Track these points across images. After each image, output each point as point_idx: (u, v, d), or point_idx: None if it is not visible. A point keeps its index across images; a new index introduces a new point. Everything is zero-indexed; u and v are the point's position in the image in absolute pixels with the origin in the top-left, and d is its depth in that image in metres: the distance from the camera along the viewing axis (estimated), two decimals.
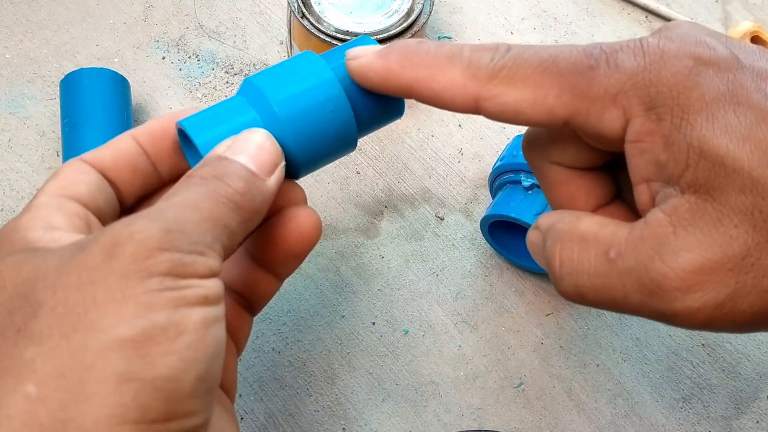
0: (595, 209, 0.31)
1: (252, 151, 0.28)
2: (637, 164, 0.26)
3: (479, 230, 0.46)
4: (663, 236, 0.25)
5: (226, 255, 0.27)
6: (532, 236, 0.30)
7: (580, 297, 0.27)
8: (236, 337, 0.33)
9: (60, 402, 0.22)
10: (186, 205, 0.26)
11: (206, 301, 0.25)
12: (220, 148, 0.28)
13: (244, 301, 0.33)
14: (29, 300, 0.24)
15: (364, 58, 0.30)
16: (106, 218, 0.30)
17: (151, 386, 0.23)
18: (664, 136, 0.25)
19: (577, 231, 0.27)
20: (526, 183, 0.41)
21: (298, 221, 0.31)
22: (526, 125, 0.28)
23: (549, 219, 0.29)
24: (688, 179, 0.25)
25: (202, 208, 0.26)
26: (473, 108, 0.28)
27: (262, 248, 0.32)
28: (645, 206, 0.27)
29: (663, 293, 0.25)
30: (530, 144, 0.31)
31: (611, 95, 0.26)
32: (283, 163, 0.29)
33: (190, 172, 0.28)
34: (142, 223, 0.24)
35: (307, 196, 0.46)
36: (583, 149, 0.30)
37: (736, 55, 0.26)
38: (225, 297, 0.32)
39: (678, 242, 0.25)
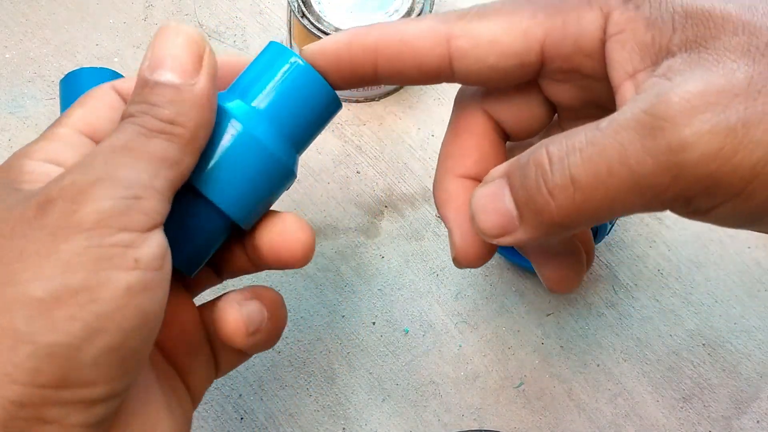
0: (471, 180, 0.30)
1: (169, 57, 0.26)
2: (619, 59, 0.25)
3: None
4: (659, 85, 0.23)
5: (180, 183, 0.26)
6: (485, 189, 0.26)
7: (573, 185, 0.23)
8: (218, 357, 0.32)
9: None
10: (116, 148, 0.25)
11: (136, 264, 0.23)
12: (143, 65, 0.26)
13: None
14: None
15: (323, 39, 0.29)
16: (97, 134, 0.29)
17: (45, 350, 0.22)
18: (645, 17, 0.24)
19: (559, 134, 0.24)
20: None
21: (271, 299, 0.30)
22: (500, 64, 0.27)
23: (506, 163, 0.26)
24: (676, 42, 0.24)
25: (134, 147, 0.25)
26: (446, 53, 0.27)
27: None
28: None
29: (668, 123, 0.22)
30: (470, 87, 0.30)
31: (586, 0, 0.26)
32: (209, 48, 0.27)
33: (123, 111, 0.26)
34: (72, 177, 0.24)
35: (307, 196, 0.46)
36: (524, 102, 0.29)
37: None
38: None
39: (677, 80, 0.23)
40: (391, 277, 0.45)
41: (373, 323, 0.43)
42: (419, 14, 0.45)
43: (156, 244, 0.24)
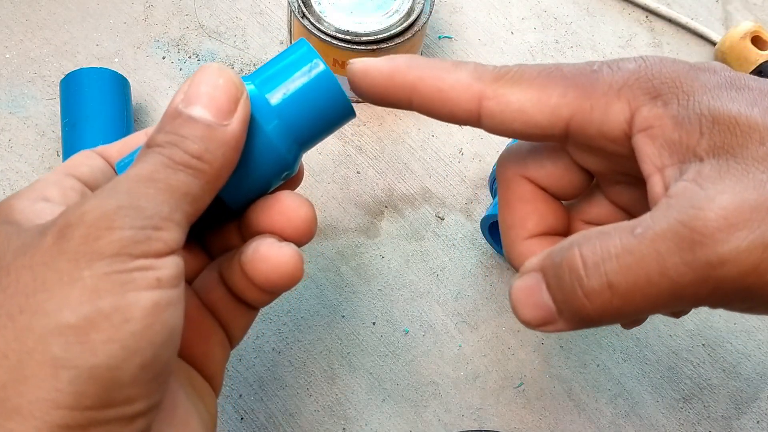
0: (539, 237, 0.31)
1: (206, 95, 0.27)
2: (649, 153, 0.26)
3: (479, 230, 0.46)
4: (692, 193, 0.24)
5: (195, 218, 0.26)
6: (522, 283, 0.27)
7: (611, 290, 0.24)
8: (229, 328, 0.32)
9: (0, 381, 0.22)
10: (141, 177, 0.25)
11: (159, 284, 0.24)
12: (177, 98, 0.27)
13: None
14: None
15: (368, 60, 0.29)
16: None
17: (87, 374, 0.22)
18: (673, 116, 0.25)
19: (590, 233, 0.25)
20: None
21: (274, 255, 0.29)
22: (524, 131, 0.28)
23: (539, 256, 0.27)
24: (704, 147, 0.24)
25: (158, 179, 0.25)
26: (475, 109, 0.28)
27: (250, 266, 0.30)
28: (659, 197, 0.25)
29: (706, 239, 0.23)
30: (509, 153, 0.31)
31: (615, 90, 0.26)
32: (246, 93, 0.27)
33: (149, 138, 0.27)
34: (94, 203, 0.24)
35: (308, 196, 0.46)
36: (560, 169, 0.30)
37: (725, 67, 0.27)
38: (218, 286, 0.31)
39: (710, 191, 0.23)
40: (391, 277, 0.45)
41: (373, 323, 0.43)
42: (419, 15, 0.45)
43: (174, 264, 0.25)
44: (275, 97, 0.29)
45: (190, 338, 0.31)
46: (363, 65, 0.29)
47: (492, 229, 0.43)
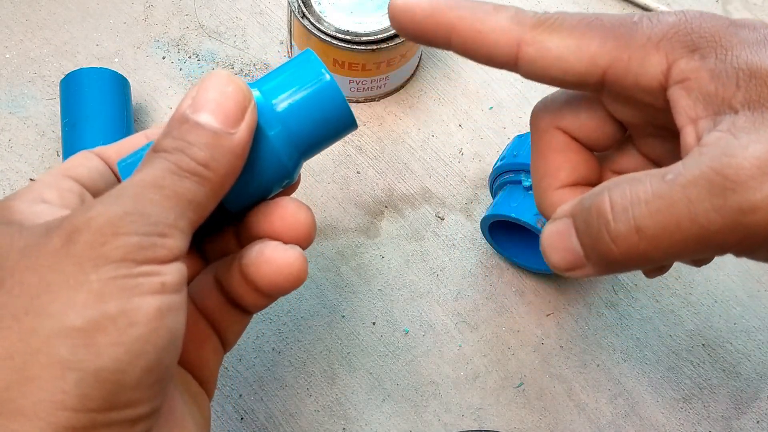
0: (571, 187, 0.31)
1: (214, 102, 0.27)
2: (684, 104, 0.26)
3: (479, 230, 0.46)
4: (726, 142, 0.24)
5: (198, 224, 0.26)
6: (554, 228, 0.27)
7: (638, 233, 0.24)
8: (223, 334, 0.32)
9: (4, 382, 0.22)
10: (147, 183, 0.25)
11: (163, 289, 0.24)
12: (185, 103, 0.27)
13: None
14: None
15: (409, 3, 0.29)
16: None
17: (93, 377, 0.23)
18: (710, 69, 0.25)
19: (621, 179, 0.25)
20: (527, 183, 0.41)
21: (279, 257, 0.29)
22: (561, 78, 0.28)
23: (571, 203, 0.27)
24: (740, 99, 0.25)
25: (164, 185, 0.25)
26: (514, 53, 0.28)
27: (250, 266, 0.30)
28: (692, 147, 0.26)
29: (738, 186, 0.23)
30: (544, 104, 0.32)
31: (654, 43, 0.27)
32: (254, 102, 0.28)
33: (154, 143, 0.27)
34: (100, 208, 0.24)
35: (308, 196, 0.46)
36: (594, 120, 0.30)
37: (766, 23, 0.27)
38: (213, 291, 0.31)
39: (744, 140, 0.24)
40: (391, 277, 0.45)
41: (373, 323, 0.43)
42: None
43: (177, 270, 0.25)
44: (280, 105, 0.29)
45: (186, 343, 0.31)
46: (404, 2, 0.29)
47: (492, 228, 0.43)
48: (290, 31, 0.47)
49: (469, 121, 0.49)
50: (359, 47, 0.44)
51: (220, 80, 0.27)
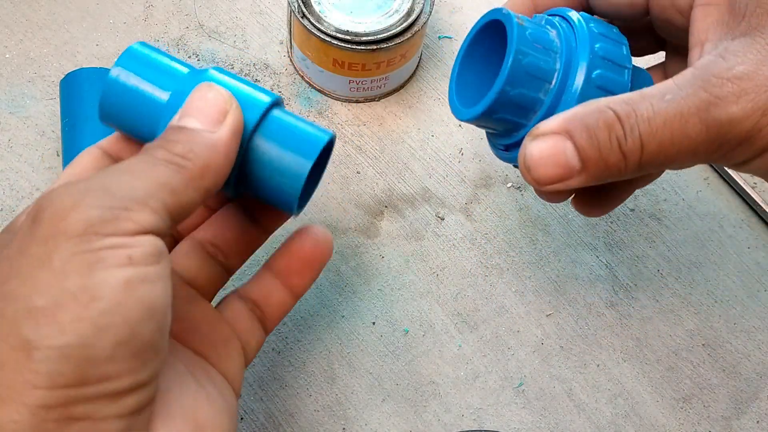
0: None
1: (196, 108, 0.29)
2: (699, 27, 0.30)
3: (479, 230, 0.46)
4: (716, 64, 0.28)
5: (179, 215, 0.27)
6: (544, 144, 0.29)
7: (642, 149, 0.28)
8: (244, 345, 0.34)
9: None
10: (117, 168, 0.26)
11: (130, 261, 0.24)
12: (175, 117, 0.29)
13: (260, 312, 0.34)
14: None
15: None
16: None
17: (59, 353, 0.23)
18: (732, 2, 0.29)
19: (621, 98, 0.28)
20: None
21: (314, 235, 0.35)
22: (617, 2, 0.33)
23: (555, 123, 0.29)
24: (743, 28, 0.28)
25: (134, 169, 0.26)
26: None
27: (280, 259, 0.34)
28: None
29: (720, 101, 0.27)
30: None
31: None
32: (235, 105, 0.29)
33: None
34: (64, 188, 0.25)
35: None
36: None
37: None
38: (239, 305, 0.34)
39: (731, 62, 0.27)
40: (391, 277, 0.45)
41: (373, 323, 0.43)
42: (419, 15, 0.45)
43: (149, 243, 0.25)
44: (266, 137, 0.31)
45: (205, 342, 0.32)
46: None
47: (464, 73, 0.36)
48: (290, 31, 0.47)
49: None
50: (359, 47, 0.44)
51: (202, 90, 0.29)
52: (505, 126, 0.33)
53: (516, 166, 0.33)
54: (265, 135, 0.31)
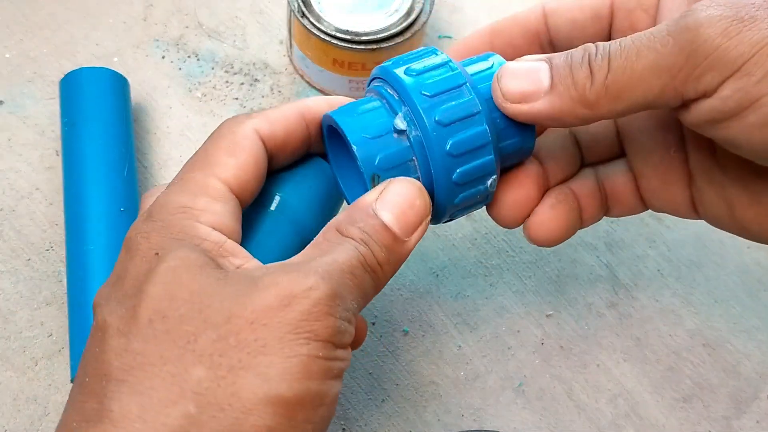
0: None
1: (400, 208, 0.29)
2: (670, 6, 0.31)
3: (479, 230, 0.46)
4: (686, 6, 0.29)
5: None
6: (523, 63, 0.30)
7: (609, 65, 0.28)
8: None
9: (219, 429, 0.24)
10: (344, 269, 0.27)
11: (341, 374, 0.27)
12: (371, 196, 0.29)
13: None
14: (202, 315, 0.25)
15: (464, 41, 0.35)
16: (244, 195, 0.30)
17: None
18: None
19: (613, 41, 0.29)
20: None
21: None
22: (577, 18, 0.34)
23: (542, 55, 0.30)
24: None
25: (356, 275, 0.27)
26: (541, 17, 0.35)
27: None
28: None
29: (689, 11, 0.27)
30: None
31: None
32: (429, 218, 0.30)
33: (341, 225, 0.29)
34: (315, 281, 0.26)
35: None
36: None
37: None
38: None
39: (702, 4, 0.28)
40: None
41: (373, 323, 0.43)
42: (419, 14, 0.45)
43: (349, 356, 0.28)
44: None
45: None
46: (460, 43, 0.37)
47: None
48: (290, 30, 0.47)
49: None
50: (359, 47, 0.44)
51: (413, 192, 0.29)
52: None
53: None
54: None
